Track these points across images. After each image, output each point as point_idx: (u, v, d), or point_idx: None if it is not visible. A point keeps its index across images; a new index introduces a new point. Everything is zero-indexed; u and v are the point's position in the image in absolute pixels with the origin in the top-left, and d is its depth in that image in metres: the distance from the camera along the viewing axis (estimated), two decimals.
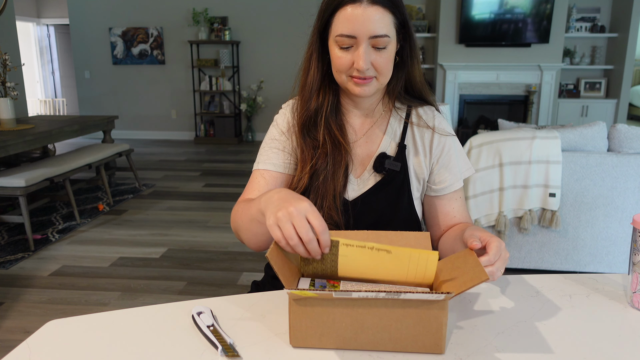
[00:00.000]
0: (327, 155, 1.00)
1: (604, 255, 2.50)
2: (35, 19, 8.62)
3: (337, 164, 1.01)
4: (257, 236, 0.91)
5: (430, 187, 1.07)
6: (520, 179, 2.43)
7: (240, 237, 0.97)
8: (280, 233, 0.72)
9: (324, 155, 1.01)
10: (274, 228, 0.72)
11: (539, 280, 0.97)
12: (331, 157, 1.00)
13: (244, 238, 0.95)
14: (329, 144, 1.01)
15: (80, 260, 2.92)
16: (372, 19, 0.89)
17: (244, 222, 0.91)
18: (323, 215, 0.99)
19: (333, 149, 1.01)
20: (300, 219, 0.71)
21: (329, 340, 0.72)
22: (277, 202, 0.75)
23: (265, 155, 1.05)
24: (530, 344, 0.75)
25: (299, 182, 1.02)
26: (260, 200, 0.82)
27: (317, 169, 1.00)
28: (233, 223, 0.98)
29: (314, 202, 1.00)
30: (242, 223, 0.92)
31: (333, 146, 1.01)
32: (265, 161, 1.04)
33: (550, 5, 5.71)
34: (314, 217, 0.72)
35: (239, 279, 2.68)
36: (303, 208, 0.72)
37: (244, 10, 6.92)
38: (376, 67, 0.93)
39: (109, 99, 7.45)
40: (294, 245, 0.71)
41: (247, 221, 0.90)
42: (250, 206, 0.88)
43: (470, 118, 6.42)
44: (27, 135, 3.28)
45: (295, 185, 1.03)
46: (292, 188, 1.03)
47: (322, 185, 1.00)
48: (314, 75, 1.01)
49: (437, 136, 1.05)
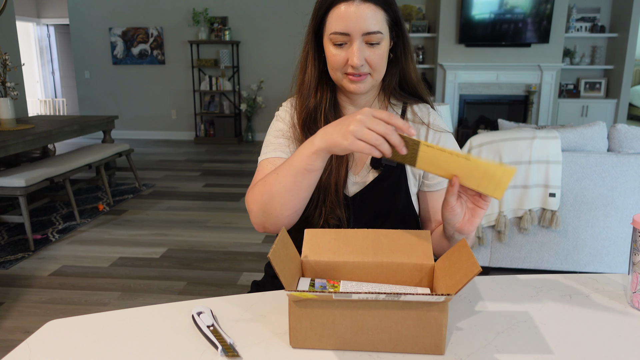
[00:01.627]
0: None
1: (604, 255, 2.50)
2: (35, 19, 8.62)
3: (338, 159, 1.02)
4: (299, 194, 0.87)
5: (423, 182, 1.08)
6: (520, 179, 2.43)
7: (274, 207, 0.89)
8: (363, 144, 0.75)
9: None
10: (355, 144, 0.75)
11: (539, 280, 0.97)
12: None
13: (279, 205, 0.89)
14: None
15: (80, 260, 2.92)
16: (365, 16, 0.92)
17: (284, 182, 0.87)
18: (326, 211, 1.01)
19: None
20: (372, 120, 0.75)
21: (329, 341, 0.72)
22: (339, 126, 0.79)
23: (272, 145, 1.05)
24: (530, 344, 0.75)
25: None
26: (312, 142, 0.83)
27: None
28: (260, 197, 0.91)
29: (316, 197, 1.01)
30: (281, 186, 0.87)
31: None
32: (275, 150, 1.03)
33: (550, 5, 5.71)
34: (378, 112, 0.75)
35: (239, 279, 2.68)
36: (367, 111, 0.76)
37: (244, 10, 6.92)
38: (370, 63, 0.95)
39: (109, 99, 7.45)
40: (380, 144, 0.74)
41: (290, 179, 0.86)
42: (290, 162, 0.86)
43: (470, 118, 6.42)
44: (27, 135, 3.28)
45: None
46: None
47: (325, 181, 1.02)
48: (310, 74, 1.03)
49: (432, 132, 1.07)
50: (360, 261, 0.83)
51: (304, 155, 0.84)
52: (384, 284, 0.84)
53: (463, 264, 0.73)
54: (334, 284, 0.81)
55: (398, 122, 0.75)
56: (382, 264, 0.83)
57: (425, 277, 0.83)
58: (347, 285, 0.82)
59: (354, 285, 0.82)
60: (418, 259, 0.83)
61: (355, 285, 0.83)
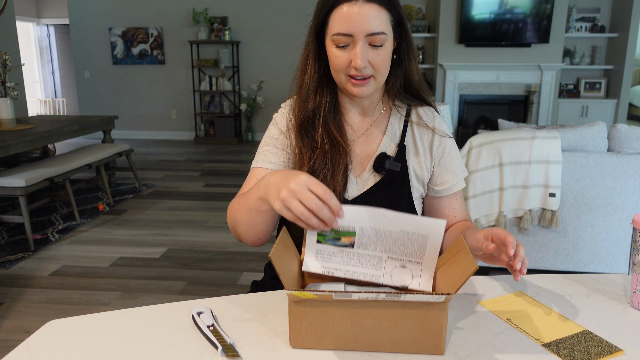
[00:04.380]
0: (325, 156, 1.00)
1: (604, 255, 2.50)
2: (35, 19, 8.62)
3: (336, 164, 1.01)
4: (255, 227, 0.91)
5: (432, 188, 1.07)
6: (520, 179, 2.43)
7: (238, 231, 0.95)
8: (290, 213, 0.72)
9: (322, 156, 1.00)
10: (283, 211, 0.73)
11: (539, 280, 0.97)
12: (329, 157, 1.00)
13: (241, 231, 0.94)
14: (327, 144, 1.01)
15: (80, 260, 2.92)
16: (368, 16, 0.90)
17: (242, 214, 0.91)
18: None
19: (332, 149, 1.00)
20: (304, 192, 0.71)
21: (329, 341, 0.72)
22: (276, 185, 0.76)
23: (263, 153, 1.05)
24: (530, 344, 0.75)
25: None
26: (259, 187, 0.82)
27: (315, 169, 1.00)
28: (230, 218, 0.97)
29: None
30: (240, 216, 0.92)
31: (332, 146, 1.01)
32: (264, 160, 1.03)
33: (550, 5, 5.71)
34: (315, 187, 0.72)
35: (239, 279, 2.68)
36: (302, 181, 0.72)
37: (244, 10, 6.92)
38: (373, 65, 0.93)
39: (109, 99, 7.45)
40: (306, 219, 0.71)
41: (245, 213, 0.90)
42: (247, 197, 0.88)
43: (470, 118, 6.42)
44: (27, 135, 3.28)
45: None
46: None
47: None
48: (311, 75, 1.02)
49: (438, 137, 1.06)
50: None
51: (254, 197, 0.84)
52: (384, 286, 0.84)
53: (461, 262, 0.73)
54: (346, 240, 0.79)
55: (332, 203, 0.71)
56: None
57: None
58: (344, 286, 0.82)
59: (353, 287, 0.82)
60: None
61: (356, 287, 0.83)
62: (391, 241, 0.76)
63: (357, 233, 0.76)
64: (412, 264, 0.78)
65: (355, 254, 0.79)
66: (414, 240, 0.75)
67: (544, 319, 0.82)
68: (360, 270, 0.80)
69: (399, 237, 0.76)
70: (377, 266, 0.79)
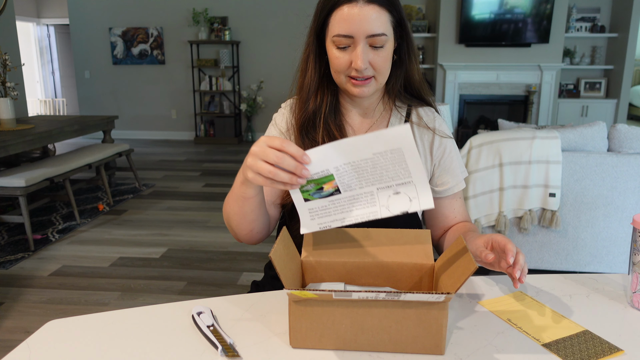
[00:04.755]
0: None
1: (604, 255, 2.50)
2: (35, 19, 8.62)
3: None
4: (245, 217, 0.91)
5: (432, 189, 1.07)
6: (520, 179, 2.43)
7: (232, 225, 0.95)
8: (261, 177, 0.73)
9: None
10: (255, 178, 0.73)
11: (539, 280, 0.97)
12: None
13: (234, 225, 0.94)
14: None
15: (80, 260, 2.92)
16: (369, 18, 0.89)
17: (232, 206, 0.91)
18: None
19: None
20: (265, 150, 0.71)
21: (329, 341, 0.72)
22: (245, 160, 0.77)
23: None
24: (530, 344, 0.75)
25: None
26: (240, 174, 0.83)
27: None
28: (224, 215, 0.97)
29: None
30: (230, 208, 0.92)
31: None
32: None
33: (550, 5, 5.71)
34: (273, 141, 0.71)
35: (239, 279, 2.68)
36: (261, 142, 0.72)
37: (244, 10, 6.92)
38: (374, 66, 0.93)
39: (109, 99, 7.45)
40: (274, 175, 0.71)
41: (234, 204, 0.90)
42: (233, 187, 0.89)
43: (470, 118, 6.42)
44: (27, 135, 3.28)
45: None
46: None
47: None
48: (311, 76, 1.01)
49: (438, 138, 1.05)
50: (360, 261, 0.83)
51: (238, 183, 0.85)
52: (384, 286, 0.84)
53: (461, 262, 0.73)
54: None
55: (291, 150, 0.71)
56: (382, 264, 0.83)
57: (425, 277, 0.83)
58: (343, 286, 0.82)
59: (354, 287, 0.82)
60: (418, 258, 0.83)
61: (356, 286, 0.83)
62: (371, 170, 0.73)
63: (335, 174, 0.73)
64: (403, 186, 0.74)
65: (346, 199, 0.76)
66: (391, 159, 0.71)
67: (544, 319, 0.82)
68: (356, 213, 0.76)
69: (375, 163, 0.72)
70: (371, 202, 0.76)
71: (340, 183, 0.74)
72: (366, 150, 0.71)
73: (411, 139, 0.69)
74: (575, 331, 0.78)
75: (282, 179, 0.71)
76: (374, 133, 0.69)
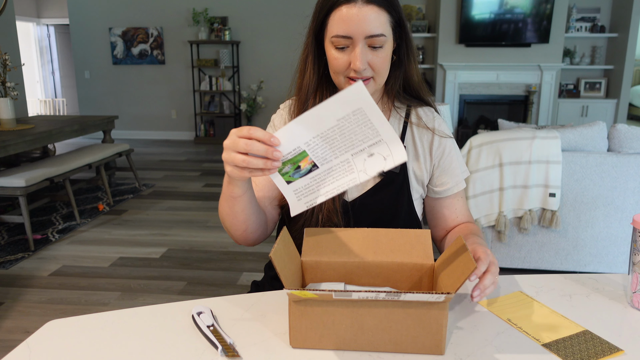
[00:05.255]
0: None
1: (604, 255, 2.50)
2: (35, 19, 8.62)
3: None
4: (236, 217, 0.92)
5: (432, 189, 1.07)
6: (520, 179, 2.43)
7: (226, 227, 0.96)
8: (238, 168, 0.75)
9: None
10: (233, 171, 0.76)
11: (539, 280, 0.97)
12: None
13: (228, 226, 0.95)
14: None
15: (80, 260, 2.92)
16: (368, 18, 0.89)
17: (223, 207, 0.92)
18: (322, 218, 0.99)
19: None
20: (235, 141, 0.74)
21: (329, 341, 0.72)
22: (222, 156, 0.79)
23: None
24: (530, 344, 0.75)
25: None
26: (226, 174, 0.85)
27: None
28: (220, 217, 0.98)
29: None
30: (222, 209, 0.93)
31: None
32: None
33: (550, 5, 5.71)
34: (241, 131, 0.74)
35: (239, 279, 2.68)
36: (231, 133, 0.75)
37: (244, 10, 6.92)
38: (373, 67, 0.93)
39: (109, 99, 7.45)
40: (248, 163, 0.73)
41: (225, 204, 0.91)
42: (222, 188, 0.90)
43: (470, 118, 6.42)
44: (27, 135, 3.28)
45: None
46: None
47: None
48: (310, 77, 1.01)
49: (437, 138, 1.05)
50: (360, 261, 0.83)
51: (225, 183, 0.87)
52: (384, 286, 0.84)
53: (460, 262, 0.73)
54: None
55: (258, 135, 0.73)
56: (382, 264, 0.83)
57: (425, 277, 0.83)
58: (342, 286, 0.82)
59: (354, 287, 0.82)
60: (418, 258, 0.83)
61: (356, 286, 0.83)
62: (340, 137, 0.73)
63: (307, 150, 0.74)
64: (375, 146, 0.74)
65: (324, 172, 0.77)
66: (355, 122, 0.71)
67: (544, 319, 0.82)
68: (337, 184, 0.77)
69: (343, 129, 0.72)
70: (349, 169, 0.76)
71: (315, 157, 0.75)
72: (330, 118, 0.71)
73: (368, 96, 0.69)
74: (575, 331, 0.78)
75: (256, 165, 0.73)
76: (331, 98, 0.69)
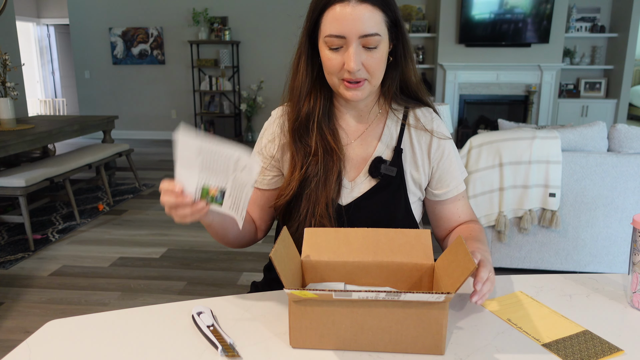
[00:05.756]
0: (318, 162, 0.98)
1: (604, 255, 2.50)
2: (35, 19, 8.62)
3: (329, 171, 0.98)
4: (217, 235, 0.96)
5: (431, 192, 1.05)
6: (520, 179, 2.43)
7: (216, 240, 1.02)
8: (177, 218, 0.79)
9: (315, 162, 0.98)
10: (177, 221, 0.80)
11: (539, 280, 0.97)
12: (322, 163, 0.98)
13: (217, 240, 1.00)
14: (320, 150, 0.98)
15: (80, 260, 2.92)
16: (362, 17, 0.86)
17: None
18: (315, 223, 0.98)
19: (325, 155, 0.98)
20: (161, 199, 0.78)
21: (329, 341, 0.72)
22: None
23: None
24: (530, 344, 0.75)
25: (287, 187, 1.00)
26: None
27: (308, 176, 0.98)
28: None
29: (305, 209, 0.98)
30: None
31: (325, 152, 0.98)
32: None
33: (550, 5, 5.71)
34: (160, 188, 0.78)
35: (239, 279, 2.68)
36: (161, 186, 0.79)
37: (244, 10, 6.92)
38: (367, 68, 0.90)
39: (109, 99, 7.45)
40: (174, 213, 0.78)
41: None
42: None
43: (470, 118, 6.42)
44: (27, 135, 3.28)
45: (283, 191, 1.01)
46: (280, 194, 1.02)
47: (313, 193, 0.98)
48: (302, 79, 0.99)
49: (436, 140, 1.02)
50: (360, 261, 0.83)
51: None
52: (384, 286, 0.84)
53: (460, 262, 0.73)
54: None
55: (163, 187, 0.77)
56: (382, 264, 0.83)
57: (425, 277, 0.83)
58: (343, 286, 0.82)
59: (354, 287, 0.82)
60: (418, 258, 0.83)
61: (356, 286, 0.83)
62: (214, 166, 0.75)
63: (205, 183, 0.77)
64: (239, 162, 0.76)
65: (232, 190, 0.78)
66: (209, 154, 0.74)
67: (544, 319, 0.82)
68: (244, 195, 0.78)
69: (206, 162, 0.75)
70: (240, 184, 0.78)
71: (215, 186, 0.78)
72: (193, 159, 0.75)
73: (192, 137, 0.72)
74: (575, 331, 0.78)
75: (183, 213, 0.77)
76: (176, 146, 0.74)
